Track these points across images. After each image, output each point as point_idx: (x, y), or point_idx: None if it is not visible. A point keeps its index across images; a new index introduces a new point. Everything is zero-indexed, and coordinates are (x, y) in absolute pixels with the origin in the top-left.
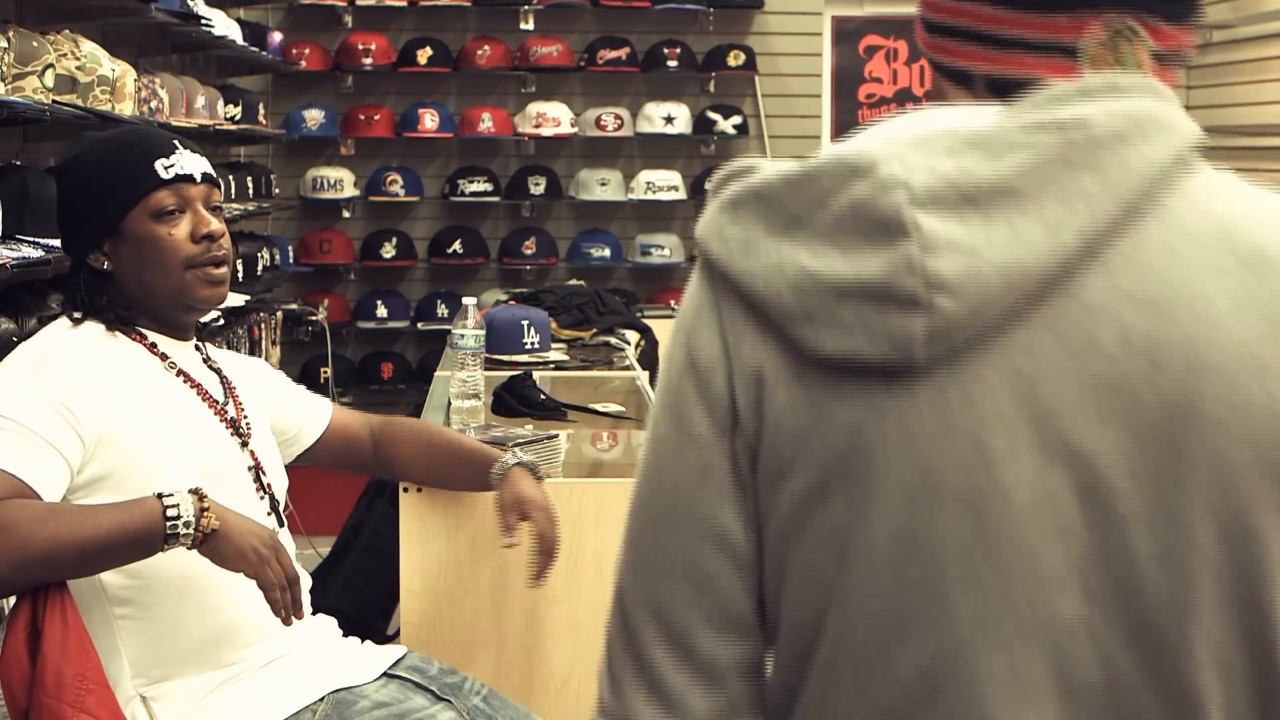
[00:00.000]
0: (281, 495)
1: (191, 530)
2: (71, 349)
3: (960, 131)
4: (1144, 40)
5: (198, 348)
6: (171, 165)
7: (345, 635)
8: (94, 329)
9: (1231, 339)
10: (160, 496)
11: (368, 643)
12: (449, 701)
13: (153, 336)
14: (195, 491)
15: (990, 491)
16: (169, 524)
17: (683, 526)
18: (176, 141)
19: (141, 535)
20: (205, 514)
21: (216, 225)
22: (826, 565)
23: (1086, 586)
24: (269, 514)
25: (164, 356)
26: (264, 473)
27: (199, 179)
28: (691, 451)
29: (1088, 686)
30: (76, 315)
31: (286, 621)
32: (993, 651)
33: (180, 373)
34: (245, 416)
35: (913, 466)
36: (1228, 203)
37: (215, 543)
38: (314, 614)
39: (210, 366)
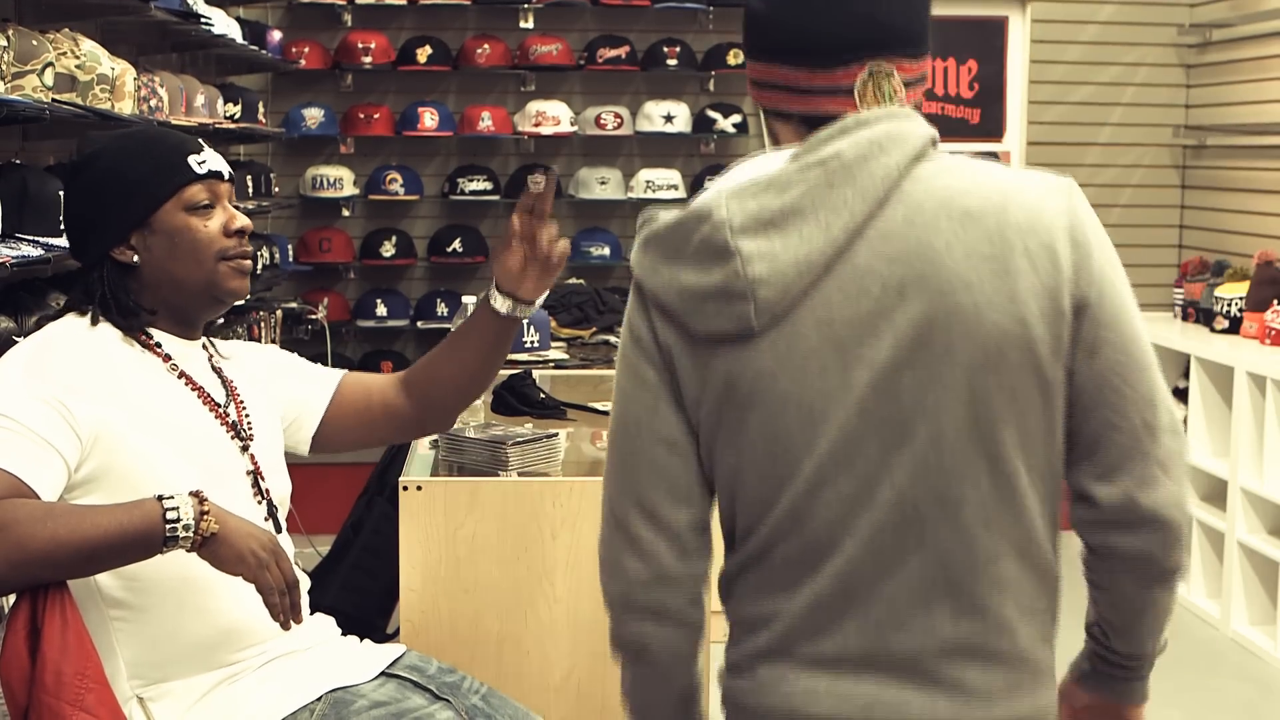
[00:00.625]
0: (282, 500)
1: (191, 533)
2: (71, 346)
3: (759, 179)
4: (894, 75)
5: (204, 347)
6: (204, 161)
7: (345, 634)
8: (98, 327)
9: (948, 272)
10: (160, 499)
11: (366, 641)
12: (447, 700)
13: (159, 337)
14: (195, 494)
15: (813, 395)
16: (168, 526)
17: (646, 439)
18: (200, 140)
19: (141, 537)
20: (205, 517)
21: (246, 220)
22: (731, 450)
23: (880, 439)
24: (266, 519)
25: (167, 358)
26: (263, 477)
27: (226, 177)
28: (645, 392)
29: (885, 499)
30: (87, 309)
31: (285, 626)
32: (828, 487)
33: (182, 374)
34: (248, 419)
35: (765, 389)
36: (950, 180)
37: (214, 546)
38: (313, 613)
39: (214, 367)
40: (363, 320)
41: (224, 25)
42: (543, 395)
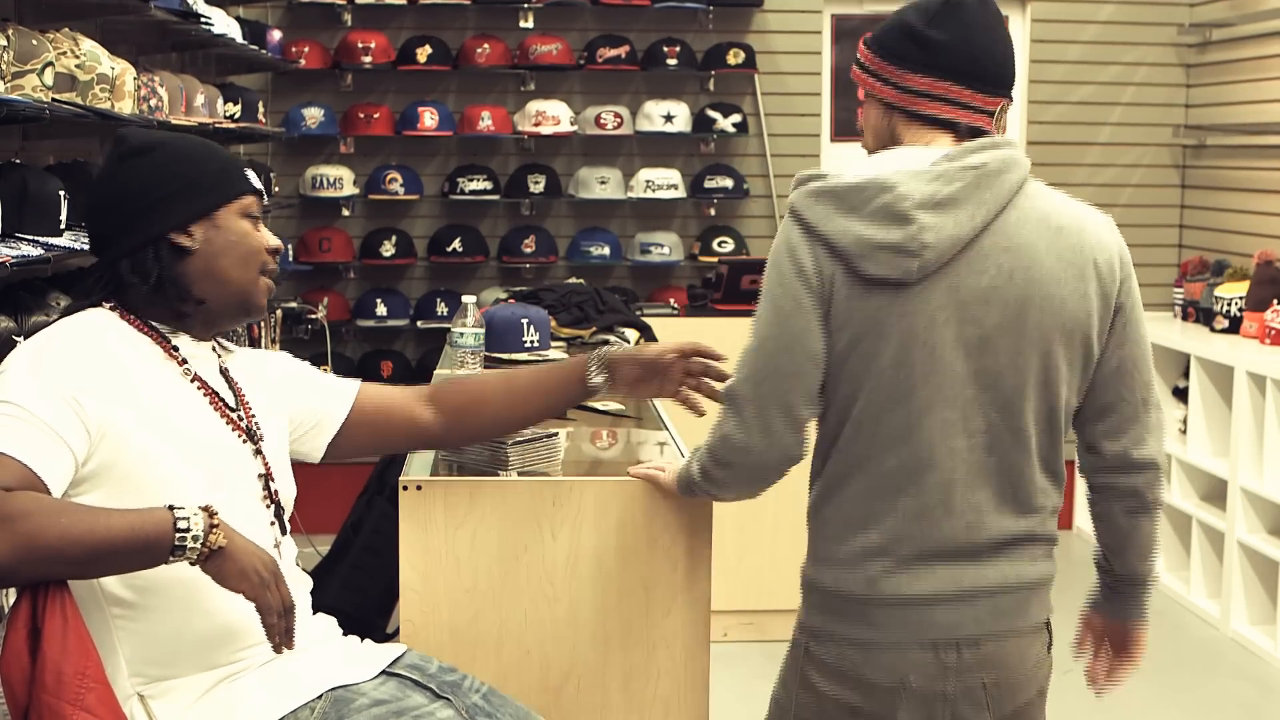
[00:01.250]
0: (288, 502)
1: (199, 545)
2: (83, 342)
3: (927, 170)
4: (1008, 110)
5: (214, 348)
6: (252, 179)
7: (345, 634)
8: (112, 323)
9: (1044, 269)
10: (172, 509)
11: (367, 641)
12: (447, 699)
13: (175, 339)
14: (206, 508)
15: (936, 340)
16: (178, 536)
17: (798, 354)
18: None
19: (149, 544)
20: (214, 531)
21: (279, 241)
22: (860, 370)
23: (978, 383)
24: (273, 522)
25: (183, 361)
26: (273, 479)
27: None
28: (801, 315)
29: (977, 428)
30: (113, 302)
31: (277, 649)
32: (934, 413)
33: (195, 378)
34: (256, 422)
35: (903, 329)
36: (1045, 201)
37: (220, 561)
38: (314, 613)
39: (222, 368)
40: (363, 320)
41: (224, 25)
42: None
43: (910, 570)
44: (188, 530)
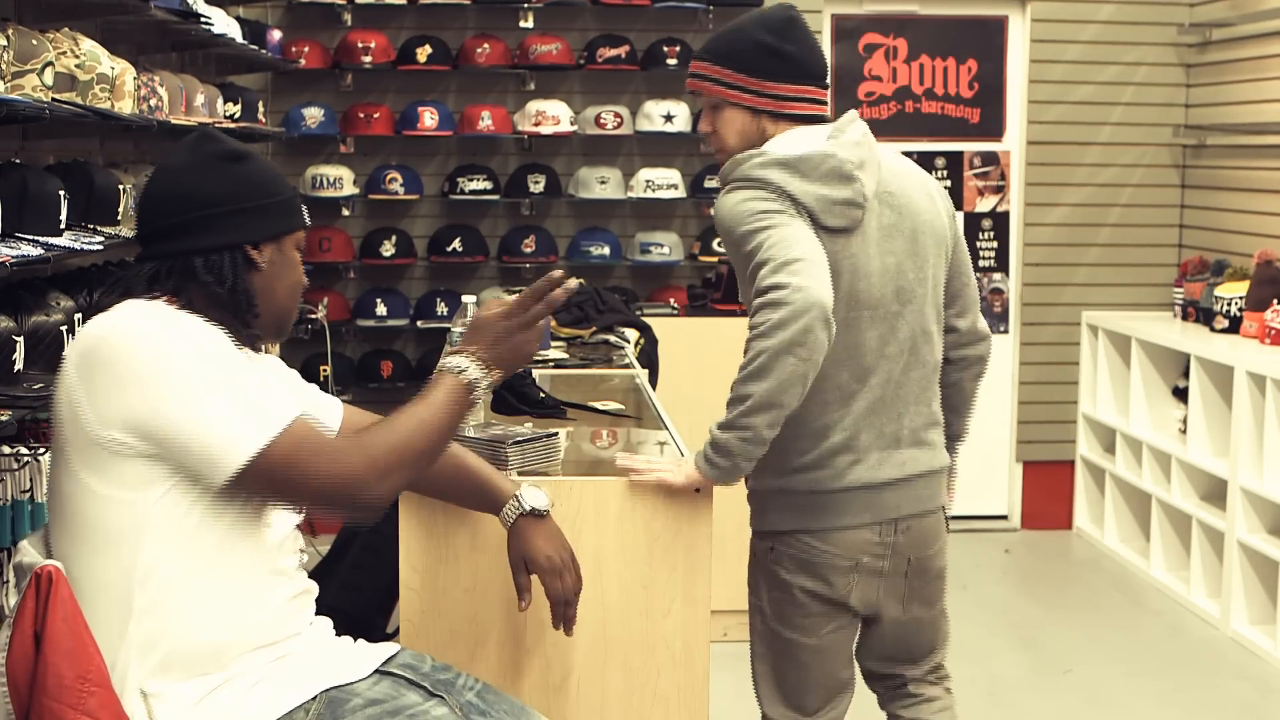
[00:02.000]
0: None
1: (485, 377)
2: (198, 329)
3: (839, 141)
4: None
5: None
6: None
7: (344, 633)
8: (187, 315)
9: (916, 200)
10: (445, 369)
11: (360, 641)
12: (441, 697)
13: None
14: (459, 352)
15: (870, 270)
16: (467, 382)
17: (795, 221)
18: None
19: (461, 397)
20: (486, 368)
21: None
22: (837, 293)
23: (898, 298)
24: (298, 526)
25: (248, 358)
26: None
27: None
28: (804, 226)
29: (902, 335)
30: (171, 294)
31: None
32: (873, 329)
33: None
34: None
35: (849, 267)
36: (890, 155)
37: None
38: (316, 614)
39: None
40: (362, 320)
41: (224, 25)
42: (543, 394)
43: (867, 460)
44: (475, 379)
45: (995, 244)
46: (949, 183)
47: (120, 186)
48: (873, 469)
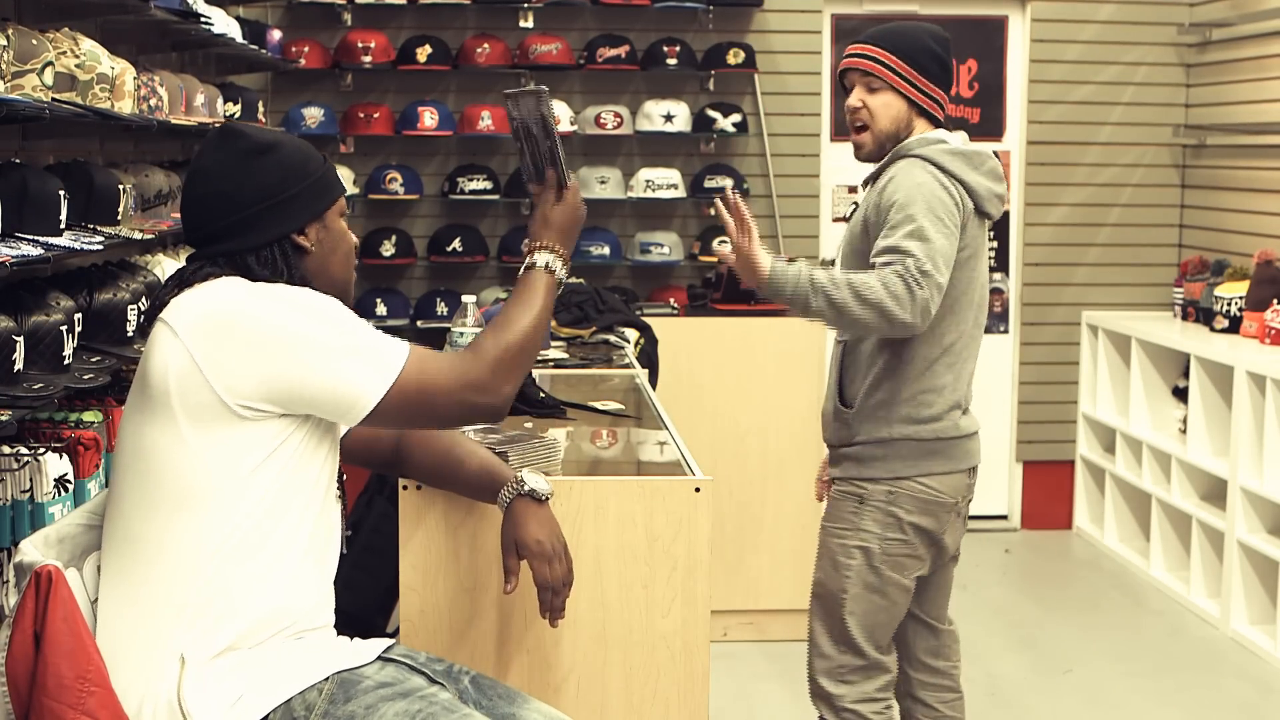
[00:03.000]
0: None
1: (560, 269)
2: (297, 291)
3: (976, 146)
4: None
5: None
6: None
7: (344, 633)
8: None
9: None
10: (527, 267)
11: (356, 639)
12: (442, 684)
13: None
14: (543, 246)
15: (984, 254)
16: (546, 267)
17: (954, 240)
18: None
19: (549, 283)
20: (561, 255)
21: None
22: (966, 279)
23: (982, 283)
24: (339, 493)
25: None
26: (344, 473)
27: None
28: (954, 225)
29: (981, 319)
30: (261, 274)
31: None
32: (973, 308)
33: None
34: None
35: (983, 251)
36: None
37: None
38: None
39: None
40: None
41: (224, 24)
42: (543, 394)
43: (967, 416)
44: (558, 269)
45: (995, 244)
46: None
47: (120, 186)
48: (971, 421)
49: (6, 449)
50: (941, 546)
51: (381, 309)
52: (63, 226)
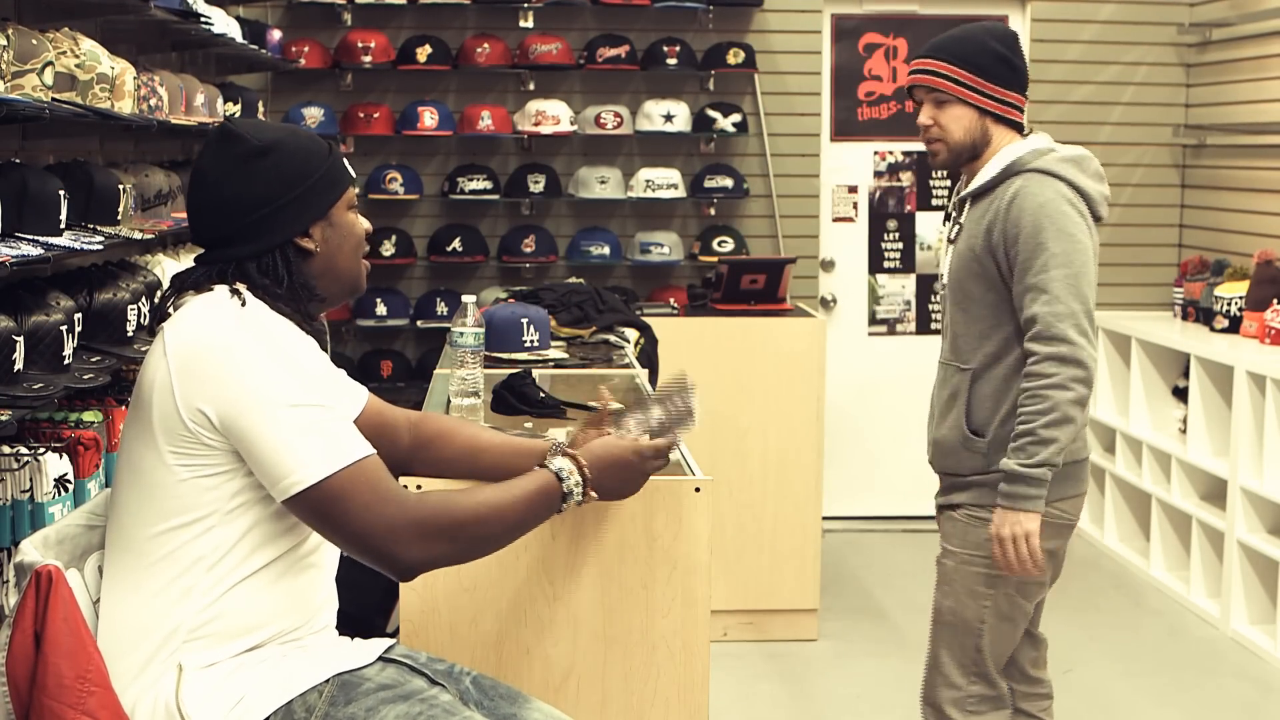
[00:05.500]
0: None
1: (579, 493)
2: (283, 329)
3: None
4: None
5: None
6: (348, 165)
7: (344, 633)
8: (263, 307)
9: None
10: (551, 468)
11: (356, 639)
12: (443, 686)
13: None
14: (570, 457)
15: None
16: (564, 491)
17: (1092, 267)
18: None
19: (547, 503)
20: (586, 481)
21: (369, 225)
22: (1093, 282)
23: None
24: None
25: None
26: None
27: None
28: (1090, 246)
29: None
30: (240, 289)
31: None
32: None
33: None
34: None
35: (1097, 252)
36: None
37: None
38: None
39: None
40: (362, 320)
41: (224, 24)
42: (542, 394)
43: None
44: (570, 491)
45: None
46: (948, 182)
47: (120, 186)
48: (1090, 441)
49: (6, 449)
50: (1060, 565)
51: (381, 309)
52: (63, 226)
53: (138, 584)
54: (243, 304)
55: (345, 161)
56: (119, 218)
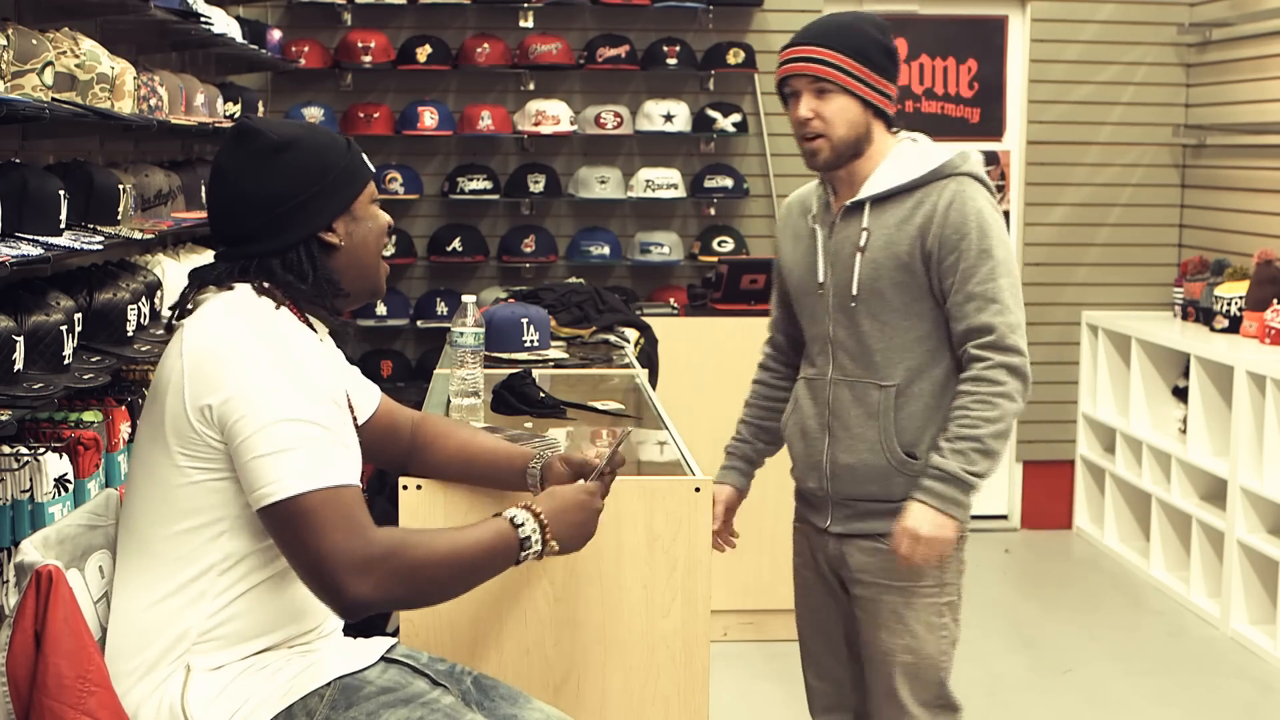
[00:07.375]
0: None
1: (537, 547)
2: (291, 334)
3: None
4: None
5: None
6: (366, 159)
7: (344, 633)
8: (273, 309)
9: None
10: (509, 518)
11: (359, 639)
12: (445, 687)
13: (310, 319)
14: (530, 509)
15: None
16: (521, 544)
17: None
18: None
19: (504, 553)
20: (545, 530)
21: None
22: None
23: None
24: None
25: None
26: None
27: None
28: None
29: None
30: (262, 289)
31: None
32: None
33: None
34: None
35: None
36: None
37: (556, 552)
38: None
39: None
40: (363, 319)
41: (224, 24)
42: (542, 394)
43: None
44: (528, 537)
45: None
46: None
47: (120, 186)
48: None
49: (6, 449)
50: None
51: (381, 309)
52: (63, 226)
53: (151, 584)
54: (276, 306)
55: (364, 156)
56: (119, 218)
